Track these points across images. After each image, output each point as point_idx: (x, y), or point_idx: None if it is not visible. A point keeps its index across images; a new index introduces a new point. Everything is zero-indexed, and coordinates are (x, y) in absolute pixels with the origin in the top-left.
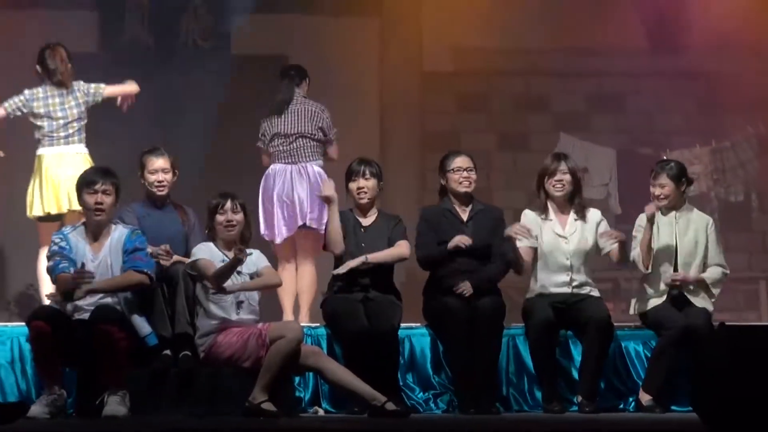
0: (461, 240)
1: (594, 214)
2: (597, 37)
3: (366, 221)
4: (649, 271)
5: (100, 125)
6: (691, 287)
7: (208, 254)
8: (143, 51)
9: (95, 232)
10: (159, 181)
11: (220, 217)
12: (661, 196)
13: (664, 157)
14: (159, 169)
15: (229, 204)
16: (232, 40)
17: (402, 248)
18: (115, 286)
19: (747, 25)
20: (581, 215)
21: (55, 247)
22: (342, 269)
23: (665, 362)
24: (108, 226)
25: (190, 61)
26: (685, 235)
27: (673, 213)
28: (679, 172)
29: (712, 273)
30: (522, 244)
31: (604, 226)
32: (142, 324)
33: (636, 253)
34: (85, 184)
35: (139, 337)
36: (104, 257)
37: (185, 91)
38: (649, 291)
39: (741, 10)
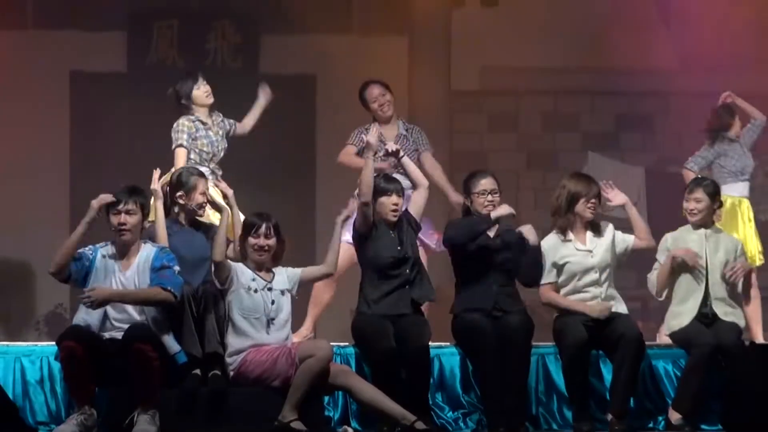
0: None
1: (606, 227)
2: (626, 57)
3: (393, 233)
4: (662, 298)
5: (127, 145)
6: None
7: (239, 270)
8: (171, 70)
9: (123, 251)
10: (203, 204)
11: (252, 240)
12: (695, 211)
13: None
14: (205, 191)
15: (263, 228)
16: (260, 59)
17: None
18: (138, 299)
19: None
20: (597, 231)
21: (81, 252)
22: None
23: (695, 381)
24: (137, 244)
25: (218, 81)
26: (716, 254)
27: (702, 231)
28: (714, 191)
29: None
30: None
31: (620, 236)
32: (171, 342)
33: (653, 276)
34: (111, 204)
35: (169, 355)
36: (132, 275)
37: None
38: (679, 309)
39: None
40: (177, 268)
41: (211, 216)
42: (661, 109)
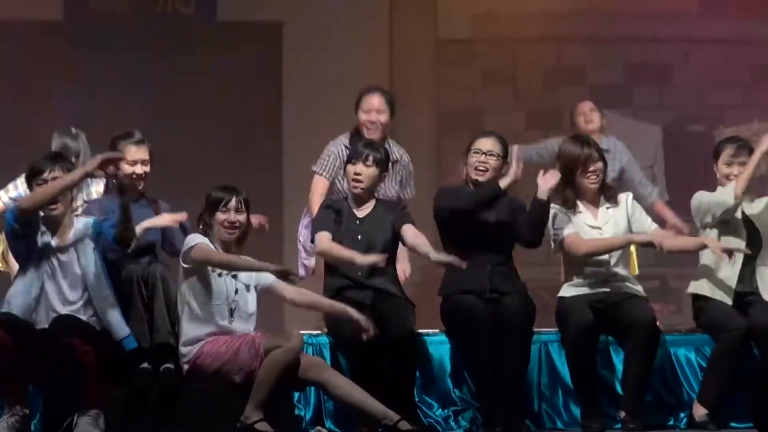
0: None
1: (624, 196)
2: None
3: (361, 212)
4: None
5: (71, 106)
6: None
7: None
8: (115, 20)
9: (54, 228)
10: (138, 174)
11: (221, 216)
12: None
13: (728, 135)
14: (139, 160)
15: (233, 202)
16: (218, 4)
17: (425, 245)
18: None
19: None
20: (613, 201)
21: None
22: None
23: (723, 371)
24: (69, 218)
25: (169, 31)
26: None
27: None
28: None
29: None
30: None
31: (638, 207)
32: (118, 325)
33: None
34: (33, 173)
35: (112, 346)
36: (72, 253)
37: (164, 66)
38: (711, 269)
39: None
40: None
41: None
42: (680, 58)
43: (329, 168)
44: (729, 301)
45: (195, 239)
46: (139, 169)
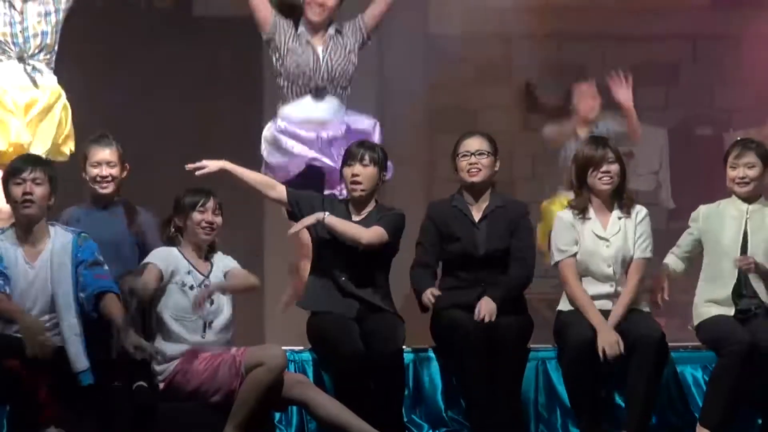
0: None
1: (636, 211)
2: None
3: (358, 217)
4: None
5: None
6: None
7: (166, 263)
8: (86, 11)
9: (26, 235)
10: (102, 177)
11: (198, 216)
12: (746, 179)
13: (738, 137)
14: (103, 161)
15: (211, 203)
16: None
17: (369, 231)
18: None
19: None
20: (626, 211)
21: None
22: (295, 227)
23: (726, 388)
24: (44, 226)
25: (143, 26)
26: (759, 232)
27: (745, 206)
28: (766, 153)
29: None
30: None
31: (645, 226)
32: (77, 357)
33: (671, 261)
34: (12, 173)
35: (62, 369)
36: (44, 266)
37: (138, 61)
38: (708, 299)
39: None
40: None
41: None
42: (687, 56)
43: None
44: (731, 313)
45: (152, 256)
46: (103, 171)
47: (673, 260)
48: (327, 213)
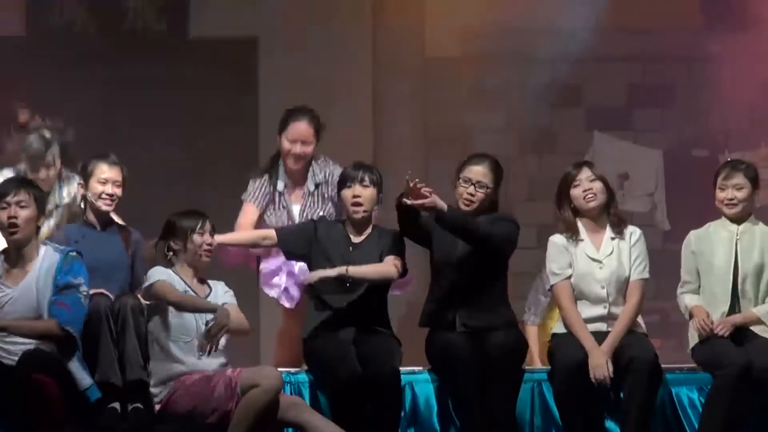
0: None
1: (630, 232)
2: (640, 14)
3: (358, 238)
4: None
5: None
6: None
7: (171, 281)
8: (81, 35)
9: (15, 259)
10: (108, 194)
11: (199, 239)
12: (735, 201)
13: (729, 158)
14: (110, 180)
15: (208, 225)
16: (190, 20)
17: (389, 266)
18: (22, 332)
19: None
20: (618, 231)
21: None
22: (312, 276)
23: (722, 410)
24: (34, 246)
25: (138, 48)
26: (749, 254)
27: (735, 227)
28: (755, 175)
29: None
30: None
31: (641, 247)
32: (80, 374)
33: (687, 300)
34: None
35: (77, 391)
36: (29, 285)
37: (135, 83)
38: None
39: None
40: (85, 288)
41: None
42: (683, 77)
43: (259, 197)
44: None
45: (156, 274)
46: (109, 189)
47: (690, 299)
48: (347, 267)
